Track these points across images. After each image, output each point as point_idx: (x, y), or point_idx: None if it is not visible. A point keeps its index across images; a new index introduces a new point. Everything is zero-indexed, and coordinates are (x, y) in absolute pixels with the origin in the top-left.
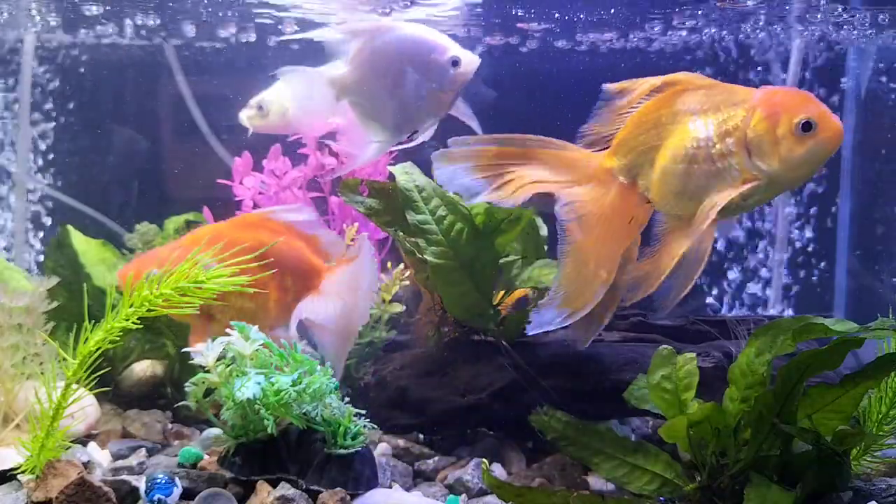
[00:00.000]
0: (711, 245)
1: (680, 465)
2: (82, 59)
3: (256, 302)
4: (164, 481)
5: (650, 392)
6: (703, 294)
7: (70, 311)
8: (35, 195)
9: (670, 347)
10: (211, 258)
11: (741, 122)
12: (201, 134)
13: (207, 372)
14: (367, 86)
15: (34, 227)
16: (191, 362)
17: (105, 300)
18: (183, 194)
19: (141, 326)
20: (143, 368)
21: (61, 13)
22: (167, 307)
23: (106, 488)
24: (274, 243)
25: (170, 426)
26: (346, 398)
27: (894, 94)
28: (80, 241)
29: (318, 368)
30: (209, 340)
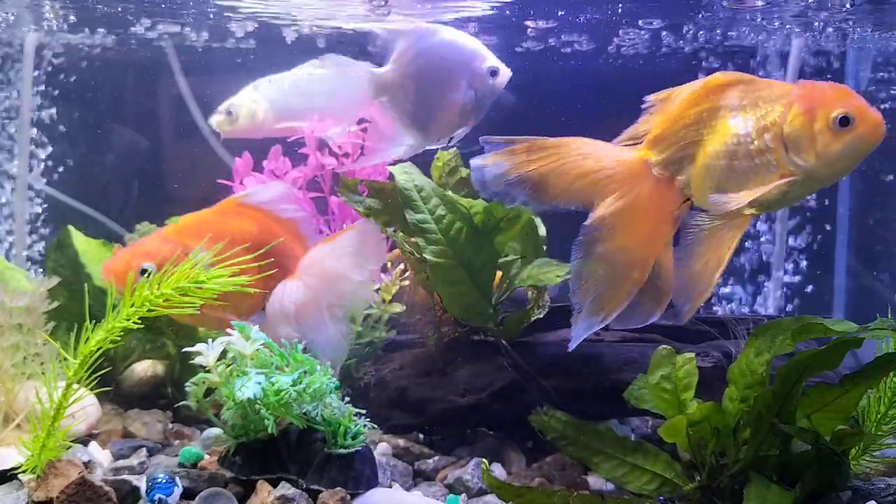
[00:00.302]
0: (735, 244)
1: (679, 464)
2: (83, 59)
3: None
4: (164, 481)
5: (650, 392)
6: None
7: (71, 311)
8: (35, 195)
9: (670, 347)
10: (200, 248)
11: (779, 118)
12: (202, 134)
13: (208, 372)
14: (408, 87)
15: (35, 227)
16: (191, 362)
17: (105, 300)
18: (184, 194)
19: (142, 326)
20: (144, 368)
21: (62, 13)
22: (168, 307)
23: (107, 488)
24: (274, 244)
25: (170, 426)
26: (347, 398)
27: (893, 95)
28: (81, 241)
29: (319, 368)
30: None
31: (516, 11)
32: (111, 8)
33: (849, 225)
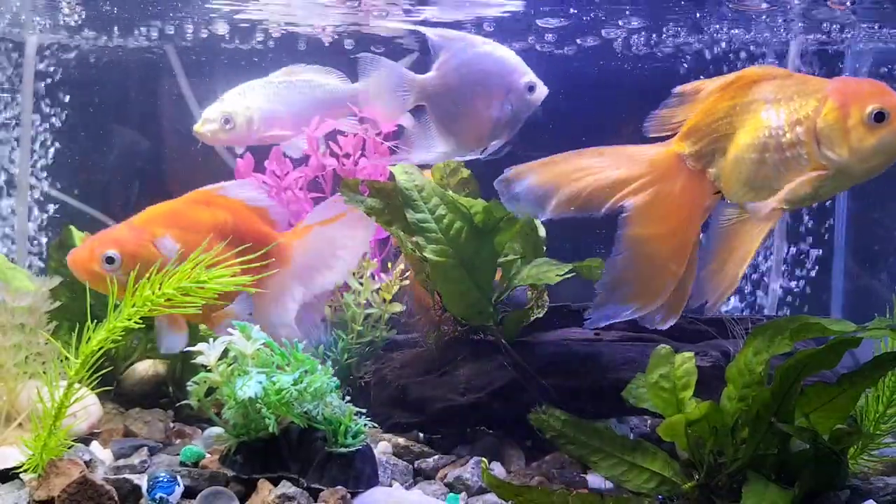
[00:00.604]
0: (761, 241)
1: (678, 463)
2: (83, 59)
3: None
4: (165, 480)
5: (648, 391)
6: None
7: (72, 311)
8: (37, 194)
9: (668, 347)
10: (171, 239)
11: (812, 112)
12: None
13: (209, 371)
14: (448, 95)
15: (36, 227)
16: (193, 361)
17: (107, 300)
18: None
19: (143, 326)
20: (146, 368)
21: (62, 14)
22: (169, 307)
23: (108, 487)
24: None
25: (172, 425)
26: (347, 397)
27: None
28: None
29: (319, 367)
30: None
31: None
32: (112, 8)
33: (847, 225)
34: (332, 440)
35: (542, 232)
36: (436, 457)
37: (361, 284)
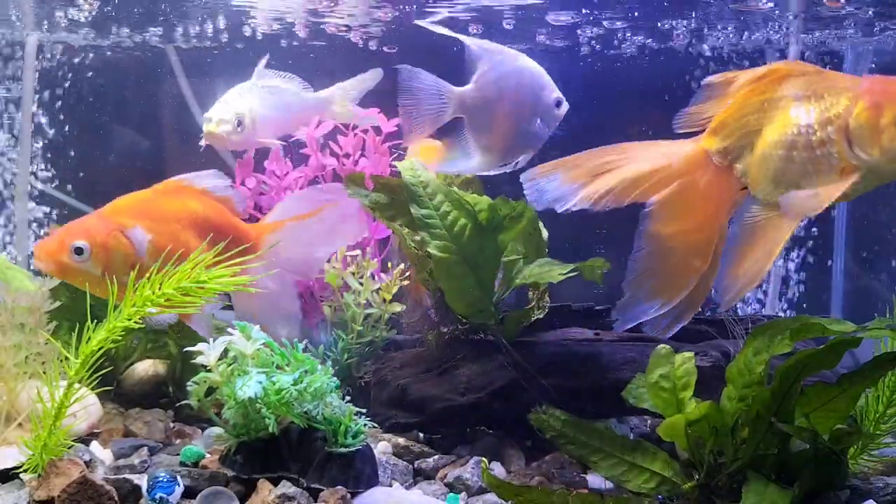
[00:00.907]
0: (785, 240)
1: (678, 463)
2: (84, 60)
3: None
4: (165, 480)
5: (648, 391)
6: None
7: (72, 311)
8: (38, 194)
9: (668, 346)
10: (141, 229)
11: (843, 111)
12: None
13: (209, 371)
14: (486, 108)
15: (37, 226)
16: (193, 361)
17: (107, 300)
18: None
19: (143, 326)
20: (146, 368)
21: (63, 14)
22: (169, 306)
23: (108, 487)
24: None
25: (172, 425)
26: (347, 397)
27: None
28: None
29: (319, 367)
30: None
31: None
32: (113, 8)
33: (847, 225)
34: (332, 440)
35: (544, 233)
36: (436, 457)
37: (361, 284)
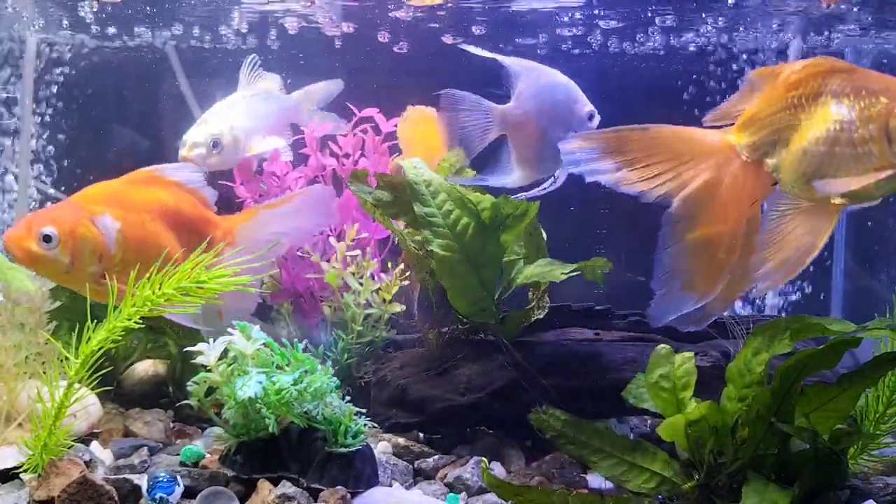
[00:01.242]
0: (827, 237)
1: (678, 463)
2: (84, 59)
3: (155, 259)
4: (165, 480)
5: (648, 391)
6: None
7: (72, 311)
8: (37, 193)
9: (668, 346)
10: (111, 217)
11: (884, 109)
12: None
13: (209, 371)
14: (526, 124)
15: None
16: (193, 361)
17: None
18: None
19: (143, 326)
20: (146, 368)
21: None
22: (169, 306)
23: (108, 487)
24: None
25: (172, 425)
26: (347, 397)
27: None
28: None
29: (319, 367)
30: None
31: None
32: (113, 8)
33: (847, 225)
34: (332, 440)
35: (545, 235)
36: (436, 457)
37: (361, 284)
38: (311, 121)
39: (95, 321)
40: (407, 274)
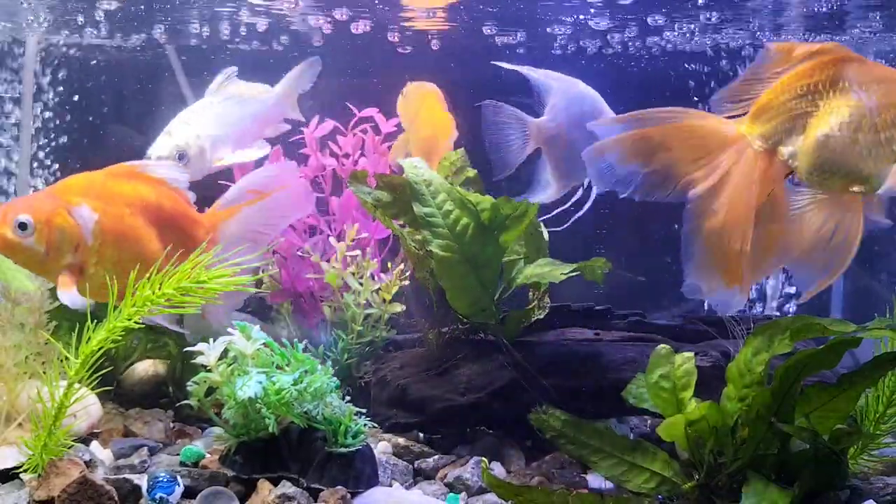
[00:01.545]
0: (860, 231)
1: (678, 463)
2: (84, 59)
3: (132, 254)
4: (165, 480)
5: (648, 391)
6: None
7: (72, 311)
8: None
9: (668, 347)
10: (88, 208)
11: None
12: None
13: (209, 371)
14: (559, 137)
15: None
16: (193, 361)
17: (106, 299)
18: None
19: (143, 326)
20: (146, 368)
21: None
22: (169, 306)
23: (108, 487)
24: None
25: (172, 425)
26: (347, 397)
27: None
28: None
29: (319, 367)
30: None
31: None
32: (113, 8)
33: None
34: (332, 440)
35: (545, 235)
36: (436, 457)
37: (361, 285)
38: (296, 112)
39: (95, 321)
40: (407, 274)
